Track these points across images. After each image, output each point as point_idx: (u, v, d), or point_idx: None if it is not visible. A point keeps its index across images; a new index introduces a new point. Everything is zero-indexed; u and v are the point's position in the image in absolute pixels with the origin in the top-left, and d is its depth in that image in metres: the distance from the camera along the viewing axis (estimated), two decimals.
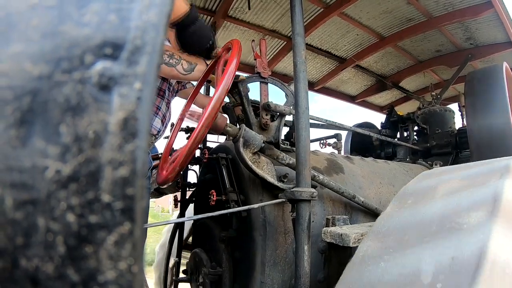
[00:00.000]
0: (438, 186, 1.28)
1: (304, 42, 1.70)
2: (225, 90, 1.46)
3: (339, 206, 2.14)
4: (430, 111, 4.37)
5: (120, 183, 0.36)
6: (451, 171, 1.42)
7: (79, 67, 0.38)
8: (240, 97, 2.06)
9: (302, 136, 1.60)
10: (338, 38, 4.35)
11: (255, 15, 3.84)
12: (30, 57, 0.38)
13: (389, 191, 2.48)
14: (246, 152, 1.75)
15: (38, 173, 0.36)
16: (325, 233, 1.61)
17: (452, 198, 1.15)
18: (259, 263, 1.77)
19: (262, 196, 1.86)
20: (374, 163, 2.81)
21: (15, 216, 0.35)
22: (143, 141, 0.37)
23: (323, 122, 3.05)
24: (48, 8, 0.40)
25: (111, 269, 0.36)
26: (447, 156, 4.00)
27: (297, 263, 1.51)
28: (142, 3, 0.41)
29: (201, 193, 2.41)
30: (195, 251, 2.13)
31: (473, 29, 3.93)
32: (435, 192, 1.25)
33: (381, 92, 5.51)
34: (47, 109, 0.36)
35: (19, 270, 0.35)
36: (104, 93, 0.37)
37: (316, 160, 2.30)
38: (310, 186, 1.59)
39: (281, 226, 1.87)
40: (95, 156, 0.36)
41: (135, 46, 0.39)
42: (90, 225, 0.36)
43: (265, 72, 2.16)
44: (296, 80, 1.66)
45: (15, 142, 0.36)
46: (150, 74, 0.39)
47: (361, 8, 3.71)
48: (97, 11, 0.40)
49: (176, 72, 2.18)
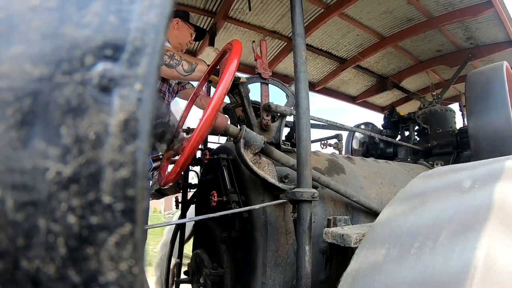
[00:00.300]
0: (434, 191, 1.26)
1: (305, 42, 1.70)
2: (225, 90, 1.46)
3: (340, 206, 2.14)
4: (431, 111, 4.36)
5: (120, 184, 0.36)
6: (449, 173, 1.40)
7: (80, 69, 0.38)
8: (241, 98, 2.06)
9: (303, 137, 1.60)
10: (339, 39, 4.35)
11: (255, 16, 3.84)
12: (31, 59, 0.38)
13: (390, 191, 2.48)
14: (247, 153, 1.75)
15: (39, 174, 0.36)
16: (326, 233, 1.61)
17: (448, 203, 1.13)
18: (260, 264, 1.77)
19: (263, 197, 1.86)
20: (375, 163, 2.81)
21: (16, 217, 0.35)
22: (144, 142, 0.37)
23: (324, 123, 3.05)
24: (49, 9, 0.40)
25: (112, 270, 0.36)
26: (448, 156, 3.99)
27: (299, 264, 1.51)
28: (142, 4, 0.41)
29: (202, 194, 2.41)
30: (196, 252, 2.13)
31: (473, 28, 3.93)
32: (430, 197, 1.23)
33: (381, 93, 5.51)
34: (47, 110, 0.36)
35: (20, 272, 0.35)
36: (104, 95, 0.37)
37: (317, 161, 2.30)
38: (311, 186, 1.58)
39: (282, 226, 1.87)
40: (96, 157, 0.36)
41: (136, 47, 0.39)
42: (91, 226, 0.36)
43: (265, 72, 2.16)
44: (296, 81, 1.66)
45: (16, 143, 0.36)
46: (151, 75, 0.39)
47: (362, 8, 3.71)
48: (97, 13, 0.40)
49: (177, 73, 2.19)
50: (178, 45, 2.77)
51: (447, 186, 1.25)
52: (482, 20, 3.71)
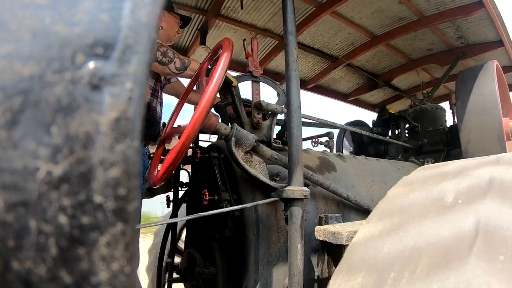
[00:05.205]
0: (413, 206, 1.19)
1: (296, 41, 1.70)
2: (216, 88, 1.46)
3: (332, 204, 2.15)
4: (422, 109, 4.40)
5: (111, 183, 0.36)
6: (432, 181, 1.33)
7: (70, 67, 0.37)
8: (232, 96, 2.06)
9: (294, 135, 1.60)
10: (330, 37, 4.36)
11: (247, 14, 3.83)
12: (21, 57, 0.37)
13: (381, 189, 2.50)
14: (238, 151, 1.75)
15: (29, 174, 0.35)
16: (318, 231, 1.61)
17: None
18: (253, 262, 1.77)
19: (255, 195, 1.87)
20: (366, 161, 2.83)
21: (6, 218, 0.35)
22: (135, 141, 0.37)
23: (315, 121, 3.06)
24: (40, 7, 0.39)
25: (104, 270, 0.36)
26: (438, 153, 4.03)
27: (291, 262, 1.51)
28: (133, 2, 0.40)
29: (193, 192, 2.40)
30: (188, 251, 2.13)
31: (464, 28, 3.96)
32: (409, 216, 1.15)
33: (373, 91, 5.53)
34: (38, 109, 0.36)
35: (11, 273, 0.35)
36: (95, 93, 0.37)
37: (308, 159, 2.31)
38: (302, 184, 1.59)
39: (274, 225, 1.88)
40: (87, 156, 0.36)
41: (127, 45, 0.39)
42: (82, 226, 0.35)
43: (256, 71, 2.16)
44: (288, 79, 1.66)
45: (5, 143, 0.35)
46: (142, 73, 0.39)
47: (353, 7, 3.72)
48: (89, 10, 0.40)
49: (169, 70, 2.20)
50: (167, 37, 2.75)
51: (428, 200, 1.18)
52: (473, 20, 3.74)
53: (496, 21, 3.59)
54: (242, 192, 1.88)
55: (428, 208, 1.13)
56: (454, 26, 3.97)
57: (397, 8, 3.74)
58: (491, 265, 0.82)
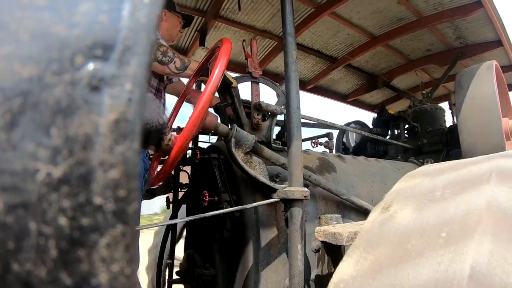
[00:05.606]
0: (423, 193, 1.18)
1: (295, 42, 1.70)
2: (215, 87, 1.46)
3: (332, 204, 2.15)
4: (421, 109, 4.40)
5: (111, 185, 0.36)
6: (436, 173, 1.33)
7: (70, 69, 0.37)
8: (231, 97, 2.06)
9: (293, 136, 1.60)
10: (329, 38, 4.36)
11: (246, 15, 3.83)
12: (20, 59, 0.37)
13: (381, 189, 2.49)
14: (238, 152, 1.75)
15: (29, 176, 0.35)
16: (318, 232, 1.61)
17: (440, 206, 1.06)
18: (253, 263, 1.77)
19: (255, 196, 1.86)
20: (365, 162, 2.83)
21: (6, 220, 0.35)
22: (135, 143, 0.37)
23: (315, 121, 3.05)
24: (39, 8, 0.39)
25: (104, 271, 0.36)
26: (438, 153, 4.03)
27: (291, 262, 1.51)
28: (132, 3, 0.40)
29: (193, 193, 2.40)
30: (188, 252, 2.12)
31: (463, 28, 3.97)
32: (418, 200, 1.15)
33: (372, 91, 5.53)
34: (37, 111, 0.36)
35: (11, 275, 0.35)
36: (95, 95, 0.37)
37: (308, 160, 2.31)
38: (302, 185, 1.59)
39: (274, 225, 1.88)
40: (86, 158, 0.36)
41: (126, 46, 0.39)
42: (82, 228, 0.35)
43: (256, 72, 2.16)
44: (287, 80, 1.66)
45: (5, 145, 0.35)
46: (141, 74, 0.39)
47: (352, 8, 3.72)
48: (88, 12, 0.40)
49: (169, 70, 2.20)
50: (169, 37, 2.75)
51: (424, 234, 1.05)
52: (471, 20, 3.75)
53: (495, 21, 3.60)
54: (242, 193, 1.88)
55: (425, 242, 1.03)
56: (453, 27, 3.97)
57: (396, 9, 3.74)
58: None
